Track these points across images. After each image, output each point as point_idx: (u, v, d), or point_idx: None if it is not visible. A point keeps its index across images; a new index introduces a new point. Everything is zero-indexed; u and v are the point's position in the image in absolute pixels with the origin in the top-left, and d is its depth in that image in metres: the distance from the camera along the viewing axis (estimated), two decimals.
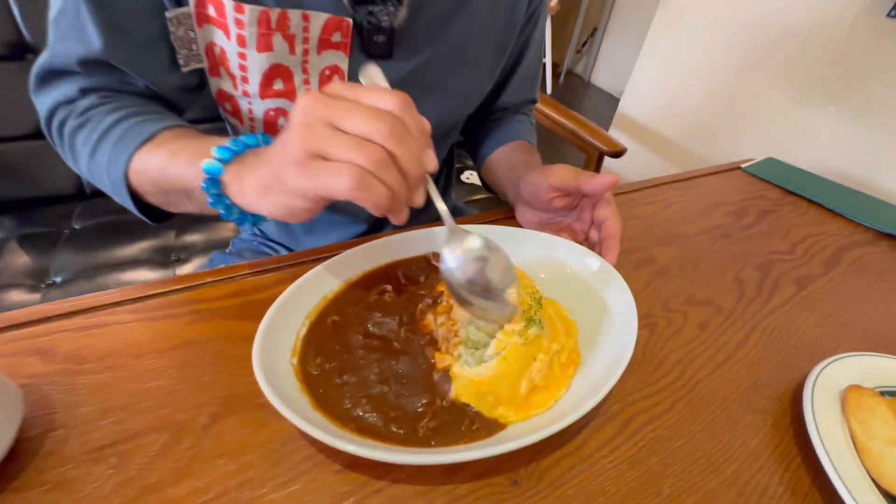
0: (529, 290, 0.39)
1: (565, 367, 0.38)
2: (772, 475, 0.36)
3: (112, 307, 0.42)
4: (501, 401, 0.34)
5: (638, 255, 0.58)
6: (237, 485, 0.31)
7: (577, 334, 0.42)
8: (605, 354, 0.38)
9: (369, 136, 0.30)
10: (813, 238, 0.68)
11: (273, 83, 0.50)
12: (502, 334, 0.35)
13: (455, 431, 0.32)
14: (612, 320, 0.41)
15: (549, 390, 0.36)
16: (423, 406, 0.33)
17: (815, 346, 0.48)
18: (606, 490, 0.33)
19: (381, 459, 0.29)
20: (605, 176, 0.46)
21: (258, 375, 0.31)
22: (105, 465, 0.31)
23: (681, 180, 0.79)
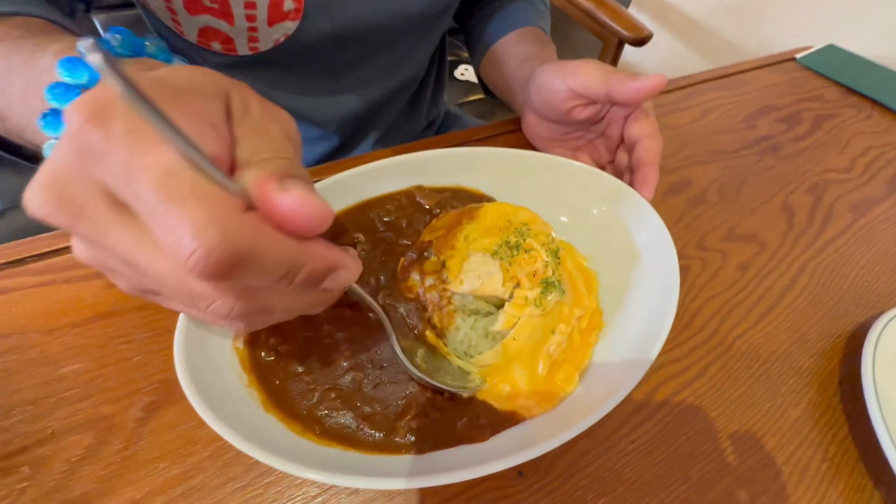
0: (543, 239, 0.30)
1: (586, 335, 0.31)
2: (815, 449, 0.31)
3: (12, 266, 0.33)
4: (518, 390, 0.27)
5: (671, 178, 0.48)
6: (182, 493, 0.25)
7: (598, 289, 0.34)
8: (634, 321, 0.30)
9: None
10: (876, 150, 0.56)
11: None
12: (513, 305, 0.27)
13: (451, 429, 0.26)
14: (645, 277, 0.32)
15: (569, 363, 0.29)
16: (406, 399, 0.26)
17: (872, 290, 0.41)
18: (625, 477, 0.28)
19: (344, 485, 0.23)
20: (647, 78, 0.34)
21: (180, 373, 0.24)
22: (16, 477, 0.25)
23: (721, 77, 0.65)
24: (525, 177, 0.37)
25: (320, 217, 0.17)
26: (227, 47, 0.43)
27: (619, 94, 0.35)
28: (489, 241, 0.29)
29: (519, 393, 0.27)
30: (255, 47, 0.43)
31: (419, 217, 0.35)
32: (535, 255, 0.28)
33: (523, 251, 0.28)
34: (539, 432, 0.25)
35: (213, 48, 0.43)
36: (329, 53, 0.48)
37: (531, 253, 0.28)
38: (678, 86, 0.62)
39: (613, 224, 0.35)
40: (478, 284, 0.27)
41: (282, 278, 0.18)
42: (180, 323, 0.26)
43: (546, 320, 0.28)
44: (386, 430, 0.25)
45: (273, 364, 0.27)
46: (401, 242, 0.34)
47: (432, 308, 0.29)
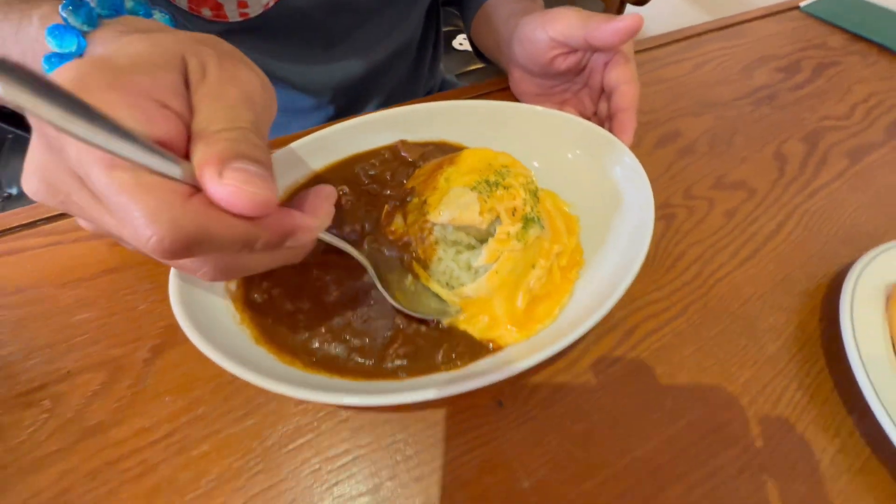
0: (523, 180, 0.31)
1: (566, 271, 0.32)
2: (790, 381, 0.32)
3: (21, 230, 0.36)
4: (498, 321, 0.29)
5: (660, 130, 0.48)
6: (188, 421, 0.28)
7: (580, 231, 0.35)
8: (612, 255, 0.31)
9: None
10: (878, 97, 0.55)
11: None
12: (496, 241, 0.28)
13: (432, 357, 0.28)
14: (623, 215, 0.33)
15: (551, 298, 0.31)
16: (393, 330, 0.28)
17: (862, 232, 0.41)
18: (602, 407, 0.30)
19: (330, 403, 0.25)
20: (623, 18, 0.34)
21: (176, 309, 0.26)
22: (38, 409, 0.28)
23: (720, 28, 0.64)
24: (503, 126, 0.38)
25: (256, 205, 0.18)
26: (217, 13, 0.44)
27: (596, 38, 0.35)
28: (469, 178, 0.30)
29: (498, 324, 0.28)
30: (245, 13, 0.44)
31: (403, 170, 0.36)
32: (514, 192, 0.29)
33: (502, 188, 0.29)
34: (514, 358, 0.27)
35: (203, 15, 0.44)
36: (320, 19, 0.48)
37: (510, 190, 0.29)
38: (673, 39, 0.61)
39: (589, 165, 0.36)
40: (456, 213, 0.28)
41: (240, 249, 0.19)
42: (172, 274, 0.28)
43: (527, 255, 0.29)
44: (375, 357, 0.27)
45: (265, 305, 0.29)
46: (385, 193, 0.35)
47: (415, 243, 0.31)
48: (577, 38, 0.36)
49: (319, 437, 0.28)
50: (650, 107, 0.51)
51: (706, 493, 0.27)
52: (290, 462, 0.27)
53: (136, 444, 0.27)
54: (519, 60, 0.42)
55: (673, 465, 0.28)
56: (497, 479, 0.27)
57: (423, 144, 0.38)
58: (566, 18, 0.36)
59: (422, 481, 0.27)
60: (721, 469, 0.28)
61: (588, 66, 0.40)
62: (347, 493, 0.26)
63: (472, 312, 0.29)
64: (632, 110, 0.36)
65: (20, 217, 0.36)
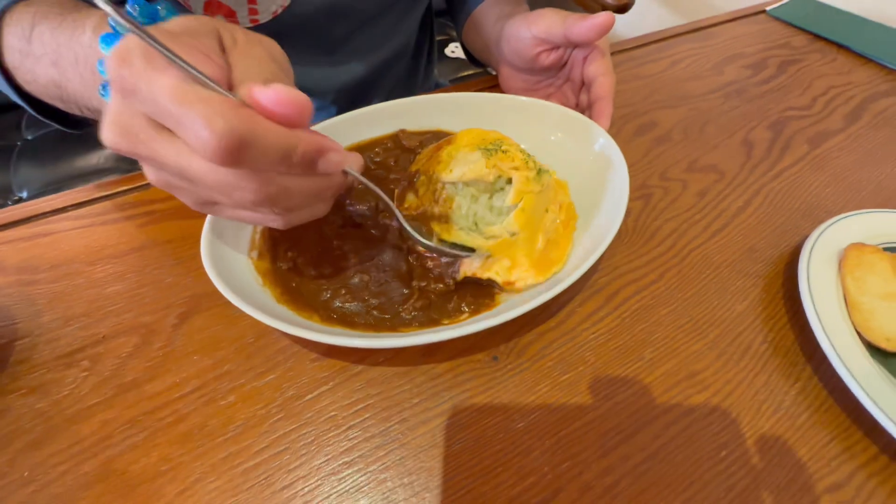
0: (517, 148, 0.34)
1: (566, 225, 0.36)
2: (755, 335, 0.35)
3: (55, 214, 0.39)
4: (518, 262, 0.32)
5: (638, 121, 0.52)
6: (215, 377, 0.31)
7: (569, 191, 0.39)
8: (598, 218, 0.36)
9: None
10: (837, 90, 0.60)
11: None
12: (519, 183, 0.31)
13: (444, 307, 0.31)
14: (603, 184, 0.37)
15: (559, 246, 0.34)
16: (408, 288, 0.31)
17: (821, 207, 0.45)
18: (587, 360, 0.33)
19: (346, 345, 0.28)
20: (597, 15, 0.38)
21: (209, 271, 0.29)
22: (78, 369, 0.31)
23: (693, 31, 0.69)
24: (493, 114, 0.42)
25: (297, 104, 0.21)
26: (230, 20, 0.48)
27: (574, 34, 0.39)
28: (470, 148, 0.33)
29: (518, 265, 0.32)
30: (256, 19, 0.48)
31: (405, 156, 0.40)
32: (513, 154, 0.32)
33: (501, 152, 0.32)
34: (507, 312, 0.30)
35: None
36: (323, 25, 0.52)
37: (508, 153, 0.32)
38: (650, 40, 0.65)
39: (570, 145, 0.40)
40: (465, 169, 0.31)
41: (282, 159, 0.22)
42: (204, 243, 0.31)
43: (543, 198, 0.33)
44: (391, 312, 0.30)
45: (289, 271, 0.32)
46: (391, 177, 0.38)
47: (431, 206, 0.33)
48: (558, 34, 0.40)
49: (334, 388, 0.31)
50: (629, 100, 0.55)
51: (681, 430, 0.30)
52: (308, 410, 0.30)
53: (168, 397, 0.30)
54: (506, 58, 0.46)
55: (651, 407, 0.31)
56: (495, 421, 0.30)
57: (421, 133, 0.41)
58: (548, 18, 0.41)
59: (428, 423, 0.30)
60: (694, 410, 0.31)
61: (569, 62, 0.44)
62: (361, 435, 0.29)
63: (496, 256, 0.32)
64: (608, 98, 0.40)
65: (53, 203, 0.39)
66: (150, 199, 0.41)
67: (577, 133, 0.40)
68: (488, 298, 0.32)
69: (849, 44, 0.67)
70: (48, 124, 0.42)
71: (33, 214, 0.39)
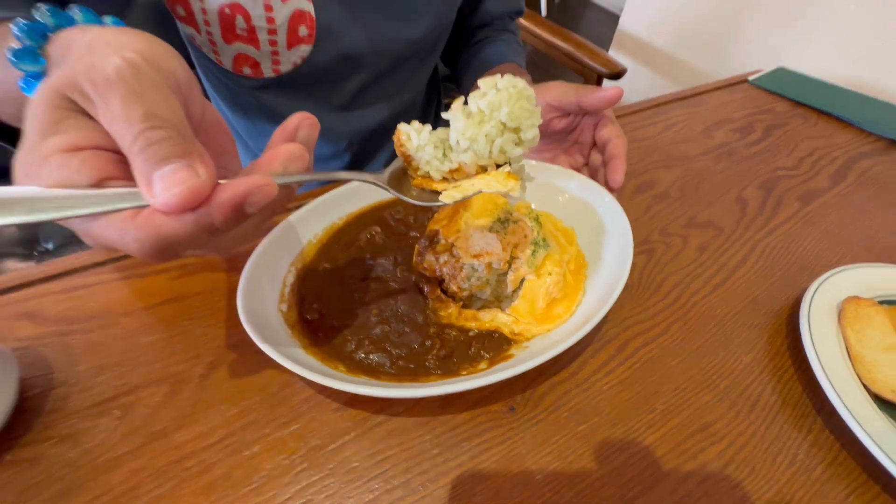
0: (525, 211, 0.38)
1: (576, 274, 0.38)
2: (764, 387, 0.36)
3: (94, 268, 0.41)
4: (521, 321, 0.35)
5: (638, 180, 0.56)
6: (241, 427, 0.32)
7: (577, 239, 0.41)
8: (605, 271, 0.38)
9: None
10: (821, 151, 0.64)
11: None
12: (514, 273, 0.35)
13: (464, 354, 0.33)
14: (608, 240, 0.40)
15: (568, 299, 0.37)
16: (430, 340, 0.33)
17: (817, 262, 0.47)
18: (601, 410, 0.34)
19: (373, 395, 0.30)
20: (608, 89, 0.43)
21: (245, 323, 0.31)
22: (110, 418, 0.32)
23: (684, 98, 0.75)
24: None
25: (187, 199, 0.20)
26: (255, 71, 0.53)
27: (587, 103, 0.43)
28: (485, 221, 0.36)
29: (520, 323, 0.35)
30: (277, 69, 0.53)
31: (422, 214, 0.43)
32: (522, 224, 0.36)
33: (512, 223, 0.35)
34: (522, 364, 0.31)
35: (244, 73, 0.53)
36: (340, 76, 0.58)
37: (519, 223, 0.35)
38: (645, 106, 0.71)
39: (577, 204, 0.43)
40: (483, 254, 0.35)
41: (210, 233, 0.21)
42: (240, 297, 0.33)
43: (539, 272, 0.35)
44: (415, 362, 0.32)
45: (316, 322, 0.34)
46: (410, 234, 0.41)
47: (448, 279, 0.36)
48: (571, 103, 0.45)
49: (356, 438, 0.32)
50: (628, 161, 0.59)
51: (699, 483, 0.31)
52: (331, 460, 0.30)
53: (195, 447, 0.31)
54: None
55: (666, 459, 0.32)
56: (514, 473, 0.30)
57: None
58: (559, 88, 0.45)
59: (448, 475, 0.30)
60: (710, 462, 0.32)
61: (578, 127, 0.49)
62: (382, 486, 0.29)
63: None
64: (622, 157, 0.44)
65: (94, 257, 0.42)
66: None
67: (583, 193, 0.43)
68: (505, 349, 0.34)
69: (829, 109, 0.72)
70: None
71: (73, 268, 0.41)
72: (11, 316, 0.37)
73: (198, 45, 0.52)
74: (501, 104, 0.31)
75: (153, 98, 0.21)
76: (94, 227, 0.21)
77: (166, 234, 0.20)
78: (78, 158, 0.20)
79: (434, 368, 0.32)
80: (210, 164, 0.21)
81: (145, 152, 0.20)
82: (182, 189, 0.19)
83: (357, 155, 0.67)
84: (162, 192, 0.19)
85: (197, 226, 0.20)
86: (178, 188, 0.19)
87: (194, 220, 0.20)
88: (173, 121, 0.21)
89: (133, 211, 0.20)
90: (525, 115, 0.31)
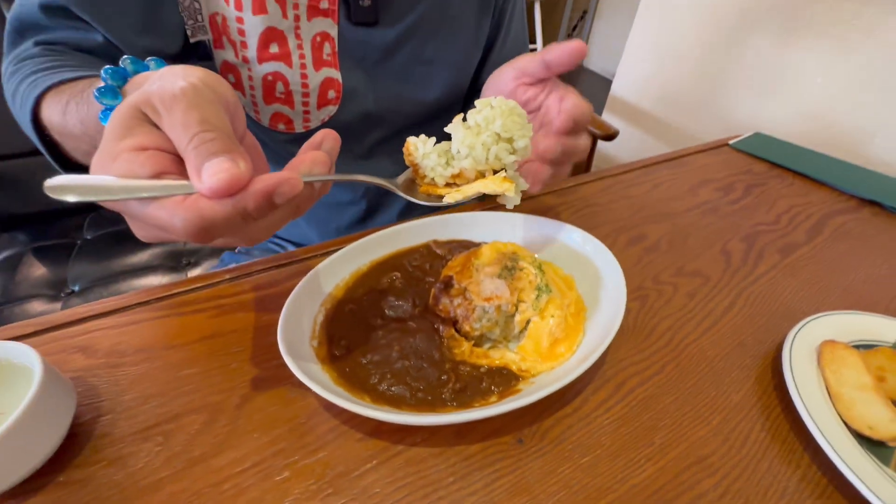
0: (529, 259, 0.42)
1: (576, 316, 0.42)
2: (754, 423, 0.39)
3: (141, 306, 0.46)
4: (528, 359, 0.39)
5: (630, 233, 0.61)
6: (272, 454, 0.35)
7: (576, 286, 0.45)
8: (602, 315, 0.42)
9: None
10: (798, 208, 0.70)
11: (269, 46, 0.54)
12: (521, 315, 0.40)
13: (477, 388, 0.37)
14: (605, 286, 0.44)
15: (569, 338, 0.41)
16: (446, 374, 0.37)
17: (797, 309, 0.51)
18: (603, 443, 0.37)
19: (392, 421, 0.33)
20: (570, 42, 0.40)
21: (285, 356, 0.35)
22: (153, 443, 0.35)
23: (670, 159, 0.82)
24: (510, 229, 0.51)
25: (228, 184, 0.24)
26: (288, 127, 0.61)
27: (550, 59, 0.42)
28: (494, 268, 0.41)
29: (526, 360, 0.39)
30: (308, 126, 0.61)
31: (437, 262, 0.48)
32: (527, 271, 0.40)
33: (518, 269, 0.40)
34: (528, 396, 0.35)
35: (278, 128, 0.61)
36: (360, 132, 0.65)
37: (524, 270, 0.40)
38: (634, 167, 0.78)
39: (575, 255, 0.48)
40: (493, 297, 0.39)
41: (244, 219, 0.25)
42: (280, 332, 0.37)
43: (543, 316, 0.39)
44: (433, 395, 0.35)
45: (342, 357, 0.38)
46: (427, 279, 0.46)
47: (461, 320, 0.41)
48: (536, 63, 0.43)
49: (377, 466, 0.34)
50: (621, 216, 0.65)
51: None
52: (354, 486, 0.33)
53: (230, 471, 0.33)
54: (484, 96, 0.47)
55: (666, 490, 0.34)
56: (523, 501, 0.33)
57: (449, 242, 0.50)
58: (525, 57, 0.45)
59: (462, 502, 0.33)
60: (706, 493, 0.34)
61: (543, 108, 0.46)
62: None
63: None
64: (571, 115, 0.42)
65: (141, 296, 0.46)
66: (219, 294, 0.48)
67: (581, 244, 0.49)
68: (513, 384, 0.37)
69: (803, 171, 0.80)
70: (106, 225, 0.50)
71: (122, 306, 0.45)
72: (67, 349, 0.41)
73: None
74: (496, 118, 0.36)
75: (208, 110, 0.26)
76: (149, 209, 0.25)
77: (208, 215, 0.24)
78: (143, 155, 0.25)
79: (450, 400, 0.35)
80: (248, 161, 0.26)
81: (198, 149, 0.24)
82: (225, 176, 0.24)
83: (371, 201, 0.74)
84: (208, 179, 0.24)
85: (234, 209, 0.25)
86: (222, 175, 0.24)
87: (232, 205, 0.25)
88: (222, 128, 0.26)
89: (182, 196, 0.25)
90: (517, 127, 0.37)
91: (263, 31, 0.52)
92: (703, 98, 1.59)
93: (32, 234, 1.06)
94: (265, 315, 0.45)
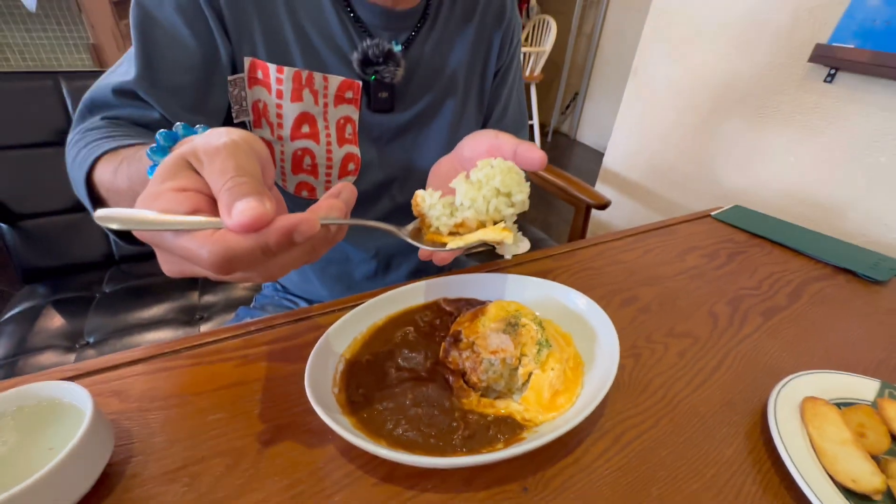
0: (531, 317, 0.47)
1: (575, 370, 0.45)
2: (745, 477, 0.41)
3: (171, 354, 0.49)
4: (530, 409, 0.42)
5: (622, 296, 0.66)
6: (291, 497, 0.37)
7: (574, 342, 0.49)
8: (599, 369, 0.45)
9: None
10: (777, 274, 0.76)
11: (301, 127, 0.63)
12: (524, 368, 0.43)
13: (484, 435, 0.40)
14: (601, 344, 0.48)
15: (569, 391, 0.44)
16: (456, 422, 0.40)
17: (780, 368, 0.55)
18: (603, 494, 0.39)
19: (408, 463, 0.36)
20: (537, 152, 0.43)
21: (312, 401, 0.38)
22: (180, 484, 0.37)
23: (658, 228, 0.89)
24: (514, 289, 0.56)
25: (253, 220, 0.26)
26: (311, 194, 0.68)
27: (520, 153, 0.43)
28: (499, 324, 0.46)
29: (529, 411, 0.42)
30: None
31: (446, 318, 0.53)
32: (529, 327, 0.45)
33: (521, 326, 0.45)
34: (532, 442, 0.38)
35: (302, 195, 0.68)
36: (374, 199, 0.73)
37: (526, 326, 0.45)
38: (626, 234, 0.85)
39: (573, 314, 0.53)
40: (499, 350, 0.43)
41: (264, 253, 0.28)
42: (307, 379, 0.41)
43: (544, 367, 0.43)
44: (444, 440, 0.38)
45: (360, 403, 0.41)
46: (437, 334, 0.50)
47: (470, 371, 0.44)
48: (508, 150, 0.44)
49: None
50: (614, 280, 0.70)
51: None
52: None
53: None
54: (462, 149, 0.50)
55: None
56: None
57: (457, 300, 0.55)
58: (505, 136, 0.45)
59: None
60: None
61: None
62: None
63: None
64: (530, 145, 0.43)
65: (170, 346, 0.50)
66: (244, 345, 0.52)
67: (578, 305, 0.53)
68: (518, 432, 0.40)
69: (781, 241, 0.86)
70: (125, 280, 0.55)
71: (155, 354, 0.49)
72: (103, 393, 0.44)
73: None
74: (496, 175, 0.42)
75: (244, 159, 0.29)
76: (180, 240, 0.28)
77: (232, 247, 0.27)
78: (182, 195, 0.28)
79: (459, 446, 0.38)
80: (274, 202, 0.29)
81: (231, 190, 0.28)
82: (252, 213, 0.26)
83: (382, 262, 0.80)
84: (237, 215, 0.26)
85: (256, 244, 0.27)
86: (249, 212, 0.26)
87: (255, 240, 0.27)
88: (254, 174, 0.29)
89: (211, 230, 0.27)
90: (514, 184, 0.42)
91: (298, 115, 0.62)
92: (688, 171, 1.72)
93: (53, 287, 1.11)
94: (286, 365, 0.49)
